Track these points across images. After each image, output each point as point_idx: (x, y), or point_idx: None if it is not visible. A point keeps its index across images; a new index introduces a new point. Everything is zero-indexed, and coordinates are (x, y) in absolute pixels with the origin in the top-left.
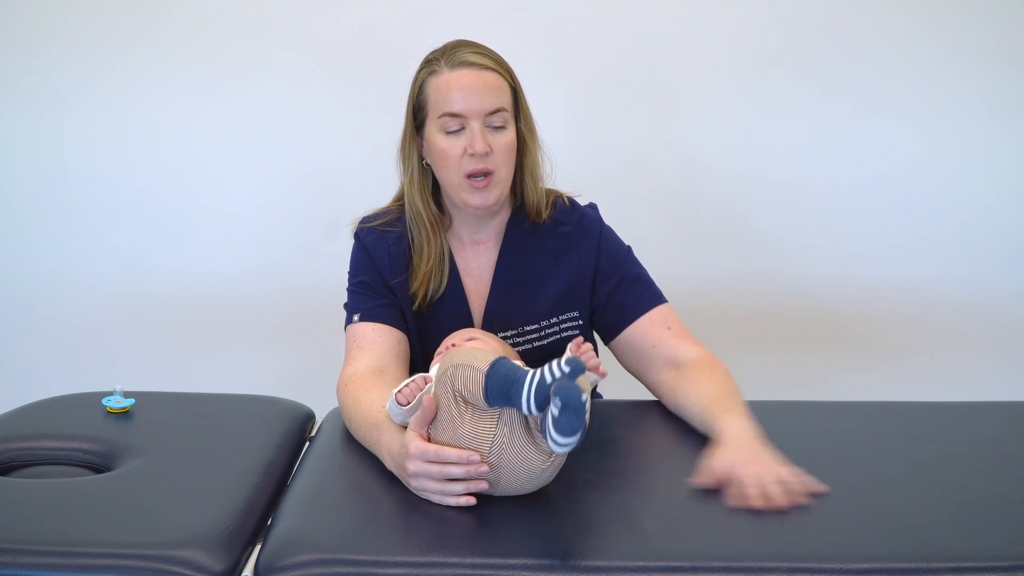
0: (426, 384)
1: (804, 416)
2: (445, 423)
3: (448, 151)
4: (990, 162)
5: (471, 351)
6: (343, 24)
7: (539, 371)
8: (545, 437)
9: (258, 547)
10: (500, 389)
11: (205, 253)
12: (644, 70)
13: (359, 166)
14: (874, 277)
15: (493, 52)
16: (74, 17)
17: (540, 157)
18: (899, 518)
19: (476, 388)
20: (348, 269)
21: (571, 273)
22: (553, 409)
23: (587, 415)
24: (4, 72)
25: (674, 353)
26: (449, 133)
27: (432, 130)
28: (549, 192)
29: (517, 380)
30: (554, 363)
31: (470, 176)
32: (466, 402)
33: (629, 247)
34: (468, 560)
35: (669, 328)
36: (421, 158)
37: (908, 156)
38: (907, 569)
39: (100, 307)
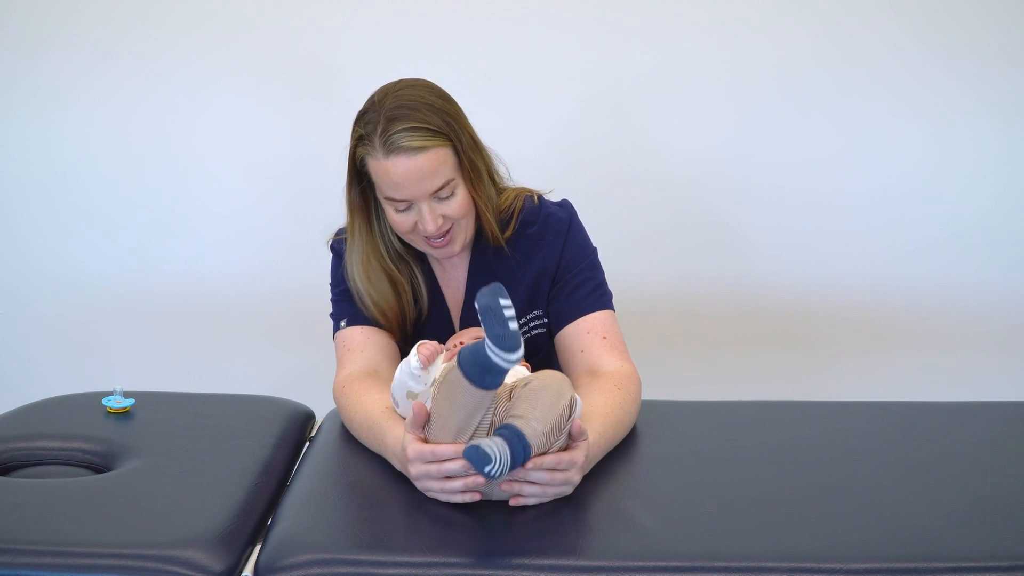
0: (441, 350)
1: (804, 416)
2: (439, 425)
3: (400, 224)
4: (989, 164)
5: None
6: (343, 24)
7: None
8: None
9: (258, 547)
10: (474, 365)
11: (205, 253)
12: (634, 73)
13: None
14: (874, 278)
15: (427, 114)
16: (73, 18)
17: (492, 189)
18: (899, 518)
19: (456, 373)
20: (329, 281)
21: (536, 273)
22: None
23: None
24: (3, 73)
25: (597, 363)
26: (399, 211)
27: (383, 201)
28: (518, 192)
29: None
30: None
31: (428, 237)
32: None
33: (595, 249)
34: (468, 560)
35: (604, 337)
36: (372, 212)
37: (910, 158)
38: (907, 569)
39: (100, 307)
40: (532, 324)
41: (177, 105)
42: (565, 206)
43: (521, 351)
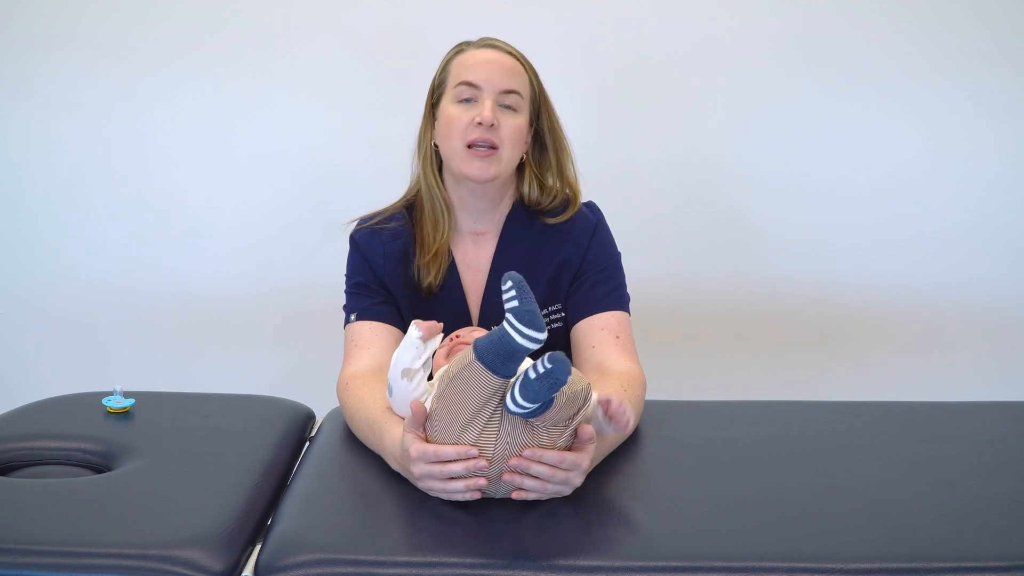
0: (440, 328)
1: (804, 416)
2: (444, 423)
3: (456, 119)
4: (991, 162)
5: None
6: (343, 23)
7: (525, 370)
8: (509, 393)
9: (258, 547)
10: (495, 354)
11: (205, 253)
12: (647, 68)
13: (359, 165)
14: (874, 277)
15: (522, 53)
16: (74, 18)
17: (565, 160)
18: (899, 518)
19: (470, 358)
20: (345, 272)
21: (559, 265)
22: (531, 371)
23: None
24: (4, 73)
25: (606, 361)
26: (461, 102)
27: (447, 102)
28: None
29: (510, 352)
30: (538, 362)
31: (472, 145)
32: (469, 399)
33: (619, 253)
34: (468, 560)
35: (617, 337)
36: (432, 140)
37: (910, 156)
38: (907, 569)
39: (100, 307)
40: (551, 318)
41: (177, 105)
42: (593, 208)
43: (545, 334)
